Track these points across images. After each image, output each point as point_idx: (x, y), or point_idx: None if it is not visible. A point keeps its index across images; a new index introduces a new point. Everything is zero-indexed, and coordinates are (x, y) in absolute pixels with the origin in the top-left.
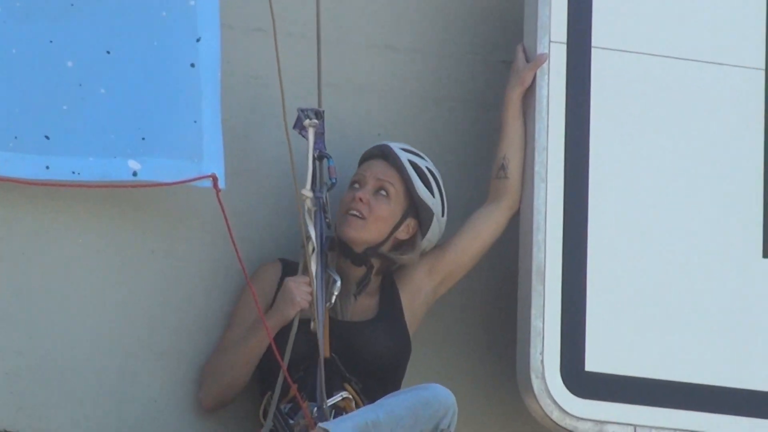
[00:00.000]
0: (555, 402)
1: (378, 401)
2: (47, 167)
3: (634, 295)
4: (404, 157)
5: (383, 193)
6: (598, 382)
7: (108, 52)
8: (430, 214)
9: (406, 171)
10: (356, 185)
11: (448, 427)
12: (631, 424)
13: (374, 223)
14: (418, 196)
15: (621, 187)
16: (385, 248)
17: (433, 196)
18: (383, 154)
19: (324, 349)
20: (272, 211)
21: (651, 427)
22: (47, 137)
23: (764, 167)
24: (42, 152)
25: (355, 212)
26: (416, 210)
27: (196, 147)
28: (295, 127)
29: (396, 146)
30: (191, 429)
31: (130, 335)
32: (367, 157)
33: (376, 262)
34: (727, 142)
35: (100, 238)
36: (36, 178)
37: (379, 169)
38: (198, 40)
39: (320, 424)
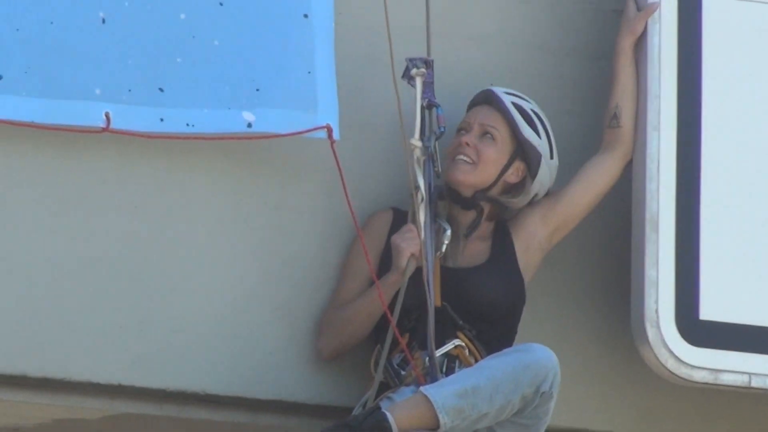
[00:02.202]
0: (670, 351)
1: (478, 364)
2: (161, 119)
3: (748, 243)
4: (507, 100)
5: (489, 136)
6: (712, 331)
7: (221, 4)
8: (537, 155)
9: (510, 113)
10: (462, 131)
11: (550, 389)
12: (746, 373)
13: (482, 166)
14: (524, 137)
15: (734, 135)
16: (494, 192)
17: (539, 137)
18: (487, 99)
19: (434, 298)
20: (384, 162)
21: (767, 376)
22: (161, 89)
23: None
24: (156, 104)
25: (462, 156)
26: (524, 152)
27: (311, 98)
28: (403, 76)
29: (500, 90)
30: (308, 382)
31: (243, 289)
32: (472, 104)
33: (486, 206)
34: None
35: (213, 190)
36: (150, 130)
37: (483, 114)
38: None
39: (421, 388)
